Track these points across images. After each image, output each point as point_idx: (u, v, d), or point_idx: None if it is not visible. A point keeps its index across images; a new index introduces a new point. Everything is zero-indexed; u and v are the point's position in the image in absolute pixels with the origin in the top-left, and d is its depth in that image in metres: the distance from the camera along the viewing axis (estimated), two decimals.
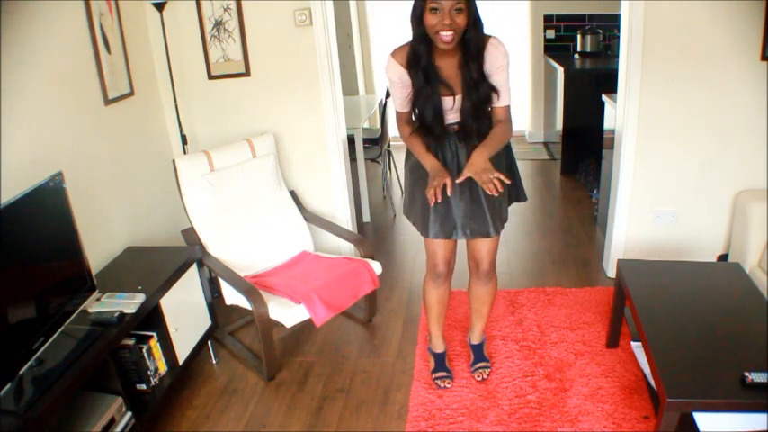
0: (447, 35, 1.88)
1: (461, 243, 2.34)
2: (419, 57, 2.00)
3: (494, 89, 2.05)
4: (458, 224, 2.18)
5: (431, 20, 1.88)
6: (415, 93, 2.07)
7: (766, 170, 2.93)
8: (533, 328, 2.82)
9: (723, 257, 3.10)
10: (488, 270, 2.36)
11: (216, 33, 3.11)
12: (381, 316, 3.08)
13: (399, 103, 2.16)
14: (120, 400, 2.07)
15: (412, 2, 1.94)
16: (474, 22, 1.92)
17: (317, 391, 2.55)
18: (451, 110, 2.08)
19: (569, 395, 2.38)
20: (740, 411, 1.87)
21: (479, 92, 2.03)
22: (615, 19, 3.25)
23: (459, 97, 2.05)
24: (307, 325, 2.72)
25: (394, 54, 2.08)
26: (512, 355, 2.65)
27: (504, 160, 2.23)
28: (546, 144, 5.85)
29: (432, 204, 2.00)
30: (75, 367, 1.87)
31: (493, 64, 2.02)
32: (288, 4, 3.04)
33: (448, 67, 2.04)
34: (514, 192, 2.32)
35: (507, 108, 2.11)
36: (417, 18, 1.92)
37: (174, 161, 2.77)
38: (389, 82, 2.13)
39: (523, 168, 5.26)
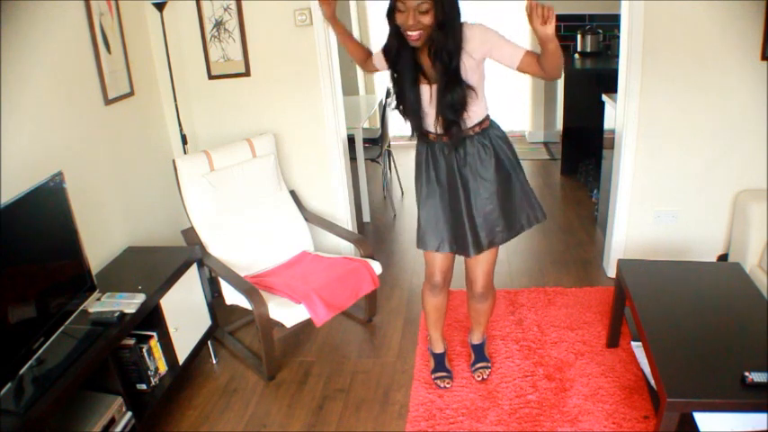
0: (413, 34, 1.89)
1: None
2: (392, 49, 2.02)
3: (467, 91, 1.97)
4: (445, 237, 2.21)
5: (399, 18, 1.89)
6: (393, 84, 2.09)
7: (766, 170, 2.93)
8: (533, 328, 2.82)
9: (723, 257, 3.10)
10: (483, 291, 2.36)
11: (216, 33, 3.11)
12: (381, 316, 3.08)
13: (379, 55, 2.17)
14: (120, 400, 2.07)
15: None
16: (441, 23, 1.85)
17: (317, 390, 2.55)
18: (429, 104, 2.04)
19: (569, 395, 2.38)
20: (740, 411, 1.87)
21: (451, 91, 1.95)
22: (615, 19, 3.24)
23: (435, 89, 2.00)
24: (307, 325, 2.72)
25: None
26: (512, 355, 2.65)
27: (518, 185, 2.27)
28: (546, 144, 5.85)
29: None
30: (76, 367, 1.87)
31: (481, 47, 1.93)
32: (288, 4, 3.04)
33: (426, 58, 2.00)
34: (532, 213, 2.27)
35: (528, 51, 1.90)
36: (389, 15, 1.93)
37: (174, 161, 2.78)
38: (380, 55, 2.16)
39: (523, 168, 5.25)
